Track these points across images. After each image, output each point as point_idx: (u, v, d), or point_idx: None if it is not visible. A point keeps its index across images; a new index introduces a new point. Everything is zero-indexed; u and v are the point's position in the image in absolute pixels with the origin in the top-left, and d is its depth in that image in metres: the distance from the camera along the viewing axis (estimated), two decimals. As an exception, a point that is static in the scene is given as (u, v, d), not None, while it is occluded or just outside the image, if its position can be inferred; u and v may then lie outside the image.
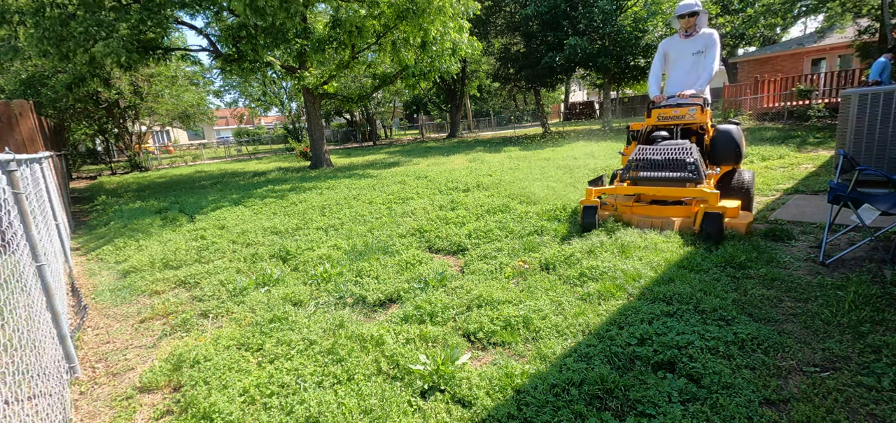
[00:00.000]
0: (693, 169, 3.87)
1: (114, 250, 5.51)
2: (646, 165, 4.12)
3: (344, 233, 5.32)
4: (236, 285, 3.82)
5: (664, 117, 4.42)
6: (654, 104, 4.58)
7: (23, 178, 2.78)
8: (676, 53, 4.54)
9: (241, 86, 29.53)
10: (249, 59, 11.31)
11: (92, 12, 9.49)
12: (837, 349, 2.17)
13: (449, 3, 11.62)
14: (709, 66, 4.31)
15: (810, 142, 9.46)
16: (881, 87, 5.09)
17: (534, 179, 7.67)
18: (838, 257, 3.24)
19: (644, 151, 4.16)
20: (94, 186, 14.85)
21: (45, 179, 4.56)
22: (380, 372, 2.37)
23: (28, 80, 15.85)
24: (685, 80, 4.52)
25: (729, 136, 4.31)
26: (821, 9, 18.07)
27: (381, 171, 11.76)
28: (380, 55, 14.24)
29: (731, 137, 4.29)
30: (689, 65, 4.47)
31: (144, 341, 3.12)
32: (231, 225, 6.25)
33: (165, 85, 20.77)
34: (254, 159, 23.59)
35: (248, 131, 37.57)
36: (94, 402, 2.45)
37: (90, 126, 20.79)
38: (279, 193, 9.00)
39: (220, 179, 13.20)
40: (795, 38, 23.20)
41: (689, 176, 3.88)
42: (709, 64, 4.31)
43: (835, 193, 3.22)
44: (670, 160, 3.99)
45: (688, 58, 4.47)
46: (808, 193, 5.34)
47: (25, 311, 2.32)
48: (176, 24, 11.90)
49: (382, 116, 36.23)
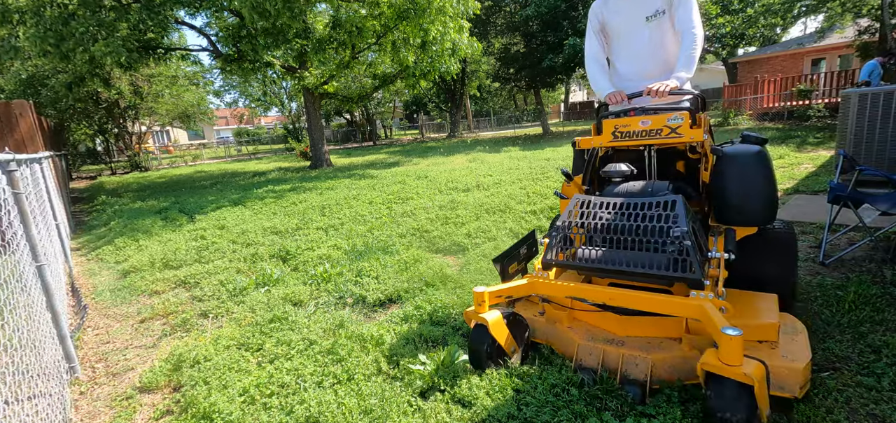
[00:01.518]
0: (682, 256, 1.88)
1: (114, 250, 5.51)
2: (588, 237, 2.17)
3: (344, 233, 5.32)
4: (236, 285, 3.82)
5: (625, 133, 2.35)
6: (606, 109, 2.61)
7: (23, 178, 2.78)
8: (619, 22, 2.61)
9: (241, 86, 29.51)
10: (249, 59, 11.32)
11: (92, 11, 9.49)
12: (837, 349, 2.17)
13: (449, 4, 11.63)
14: (689, 34, 2.38)
15: (810, 142, 9.46)
16: (881, 87, 5.09)
17: (534, 179, 7.67)
18: (838, 257, 3.24)
19: (585, 207, 2.21)
20: (94, 186, 14.85)
21: (44, 179, 4.56)
22: (380, 372, 2.37)
23: (28, 79, 15.85)
24: (644, 65, 2.59)
25: (750, 169, 2.21)
26: (821, 9, 18.05)
27: (381, 171, 11.76)
28: (380, 55, 14.25)
29: (755, 173, 2.21)
30: (644, 37, 2.54)
31: (144, 341, 3.12)
32: (231, 225, 6.25)
33: (165, 85, 20.76)
34: (254, 159, 23.59)
35: (248, 131, 37.57)
36: (94, 402, 2.45)
37: (90, 126, 20.78)
38: (279, 192, 9.00)
39: (220, 179, 13.20)
40: (795, 38, 23.21)
41: (670, 273, 1.89)
42: (688, 30, 2.38)
43: (835, 193, 3.22)
44: (632, 230, 2.01)
45: (639, 26, 2.54)
46: (808, 193, 5.34)
47: (25, 311, 2.32)
48: (176, 23, 11.89)
49: (382, 116, 36.22)
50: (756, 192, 2.20)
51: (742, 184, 2.21)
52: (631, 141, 2.34)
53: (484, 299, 2.24)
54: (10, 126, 6.31)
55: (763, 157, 2.24)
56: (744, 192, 2.21)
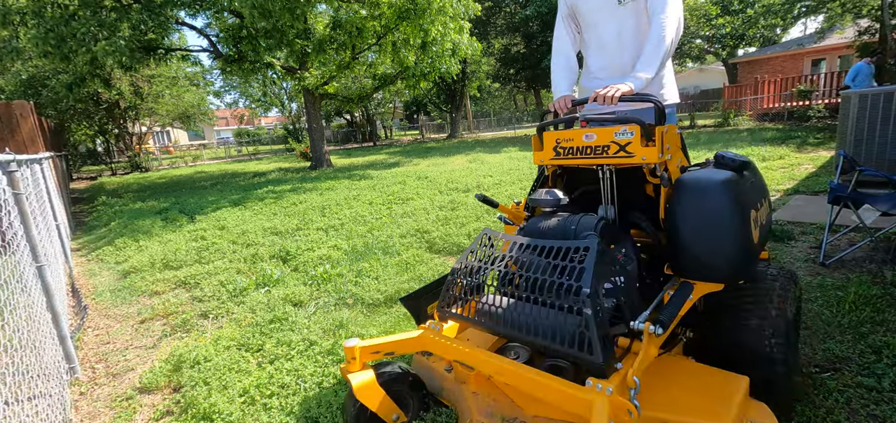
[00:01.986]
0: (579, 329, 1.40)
1: (114, 250, 5.51)
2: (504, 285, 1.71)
3: (344, 233, 5.32)
4: (236, 286, 3.82)
5: (568, 148, 1.86)
6: (552, 117, 2.09)
7: (23, 178, 2.78)
8: (590, 7, 2.14)
9: (241, 86, 29.53)
10: (250, 59, 11.33)
11: (93, 12, 9.50)
12: (838, 350, 2.17)
13: (449, 4, 11.64)
14: (657, 20, 1.91)
15: (810, 142, 9.46)
16: (882, 88, 5.09)
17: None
18: (838, 258, 3.24)
19: (489, 245, 1.82)
20: (94, 186, 14.86)
21: (45, 179, 4.57)
22: (380, 373, 2.36)
23: (29, 80, 15.88)
24: (615, 59, 2.14)
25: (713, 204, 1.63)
26: (820, 9, 18.07)
27: (381, 171, 11.76)
28: (380, 56, 14.26)
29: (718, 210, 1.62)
30: (616, 25, 2.08)
31: (144, 341, 3.12)
32: (231, 225, 6.25)
33: (166, 85, 20.78)
34: (254, 160, 23.61)
35: (248, 132, 37.59)
36: (94, 402, 2.45)
37: (90, 127, 20.80)
38: (279, 193, 9.00)
39: (221, 180, 13.21)
40: (795, 39, 23.21)
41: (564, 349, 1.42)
42: (657, 14, 1.92)
43: (835, 193, 3.22)
44: (534, 283, 1.56)
45: (611, 11, 2.08)
46: (808, 193, 5.34)
47: (26, 311, 2.32)
48: (176, 24, 11.91)
49: (382, 117, 36.25)
50: (719, 235, 1.59)
51: (700, 224, 1.61)
52: (574, 159, 1.83)
53: (354, 354, 1.70)
54: (10, 127, 6.32)
55: (732, 187, 1.60)
56: (701, 234, 1.61)
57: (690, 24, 22.33)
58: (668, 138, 1.71)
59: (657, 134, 1.65)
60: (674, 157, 1.77)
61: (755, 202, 1.73)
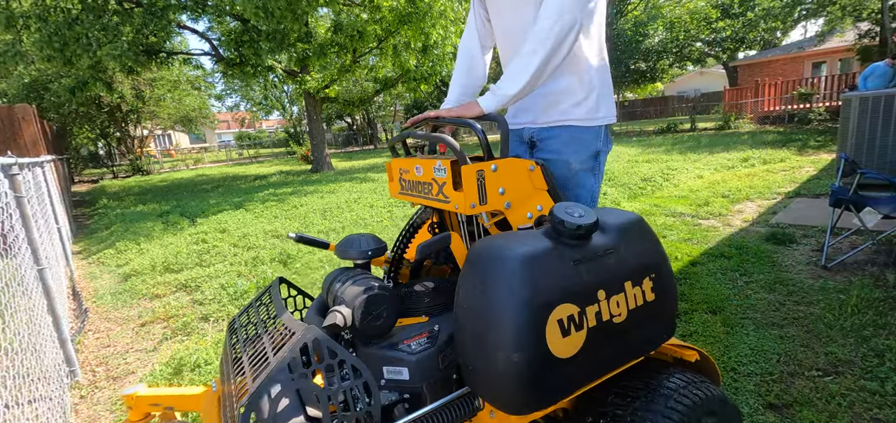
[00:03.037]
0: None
1: (115, 253, 5.52)
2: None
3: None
4: (237, 289, 3.82)
5: (408, 182, 1.40)
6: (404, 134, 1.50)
7: (25, 181, 2.79)
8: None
9: (242, 90, 29.62)
10: (251, 63, 11.37)
11: (96, 16, 9.55)
12: (840, 353, 2.16)
13: (450, 7, 11.68)
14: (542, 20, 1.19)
15: (811, 145, 9.45)
16: (882, 89, 5.09)
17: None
18: (840, 261, 3.23)
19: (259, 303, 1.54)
20: (95, 189, 14.89)
21: (47, 182, 4.58)
22: (380, 376, 2.36)
23: (31, 84, 15.95)
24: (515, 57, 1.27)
25: (489, 285, 0.95)
26: (821, 12, 18.08)
27: (382, 174, 11.77)
28: (381, 59, 14.30)
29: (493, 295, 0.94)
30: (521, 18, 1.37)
31: (145, 344, 3.11)
32: (232, 228, 6.26)
33: (167, 89, 20.87)
34: (255, 163, 23.65)
35: (249, 135, 37.70)
36: (95, 406, 2.44)
37: (92, 130, 20.90)
38: (280, 196, 9.01)
39: (222, 183, 13.23)
40: (796, 42, 23.23)
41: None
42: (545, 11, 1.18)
43: (836, 196, 3.21)
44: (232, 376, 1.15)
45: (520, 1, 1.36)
46: (809, 196, 5.33)
47: (26, 314, 2.32)
48: (178, 28, 11.97)
49: (383, 120, 36.31)
50: (489, 339, 0.94)
51: (472, 316, 0.99)
52: (411, 195, 1.38)
53: (134, 403, 1.34)
54: (13, 131, 6.34)
55: (528, 266, 0.94)
56: (471, 332, 0.99)
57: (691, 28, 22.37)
58: (503, 178, 1.15)
59: (464, 176, 1.09)
60: (522, 204, 1.20)
61: (587, 294, 0.98)
